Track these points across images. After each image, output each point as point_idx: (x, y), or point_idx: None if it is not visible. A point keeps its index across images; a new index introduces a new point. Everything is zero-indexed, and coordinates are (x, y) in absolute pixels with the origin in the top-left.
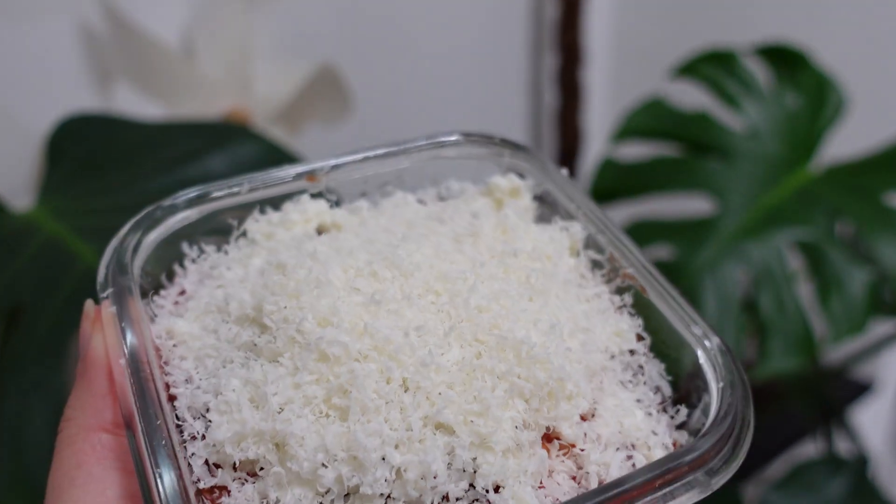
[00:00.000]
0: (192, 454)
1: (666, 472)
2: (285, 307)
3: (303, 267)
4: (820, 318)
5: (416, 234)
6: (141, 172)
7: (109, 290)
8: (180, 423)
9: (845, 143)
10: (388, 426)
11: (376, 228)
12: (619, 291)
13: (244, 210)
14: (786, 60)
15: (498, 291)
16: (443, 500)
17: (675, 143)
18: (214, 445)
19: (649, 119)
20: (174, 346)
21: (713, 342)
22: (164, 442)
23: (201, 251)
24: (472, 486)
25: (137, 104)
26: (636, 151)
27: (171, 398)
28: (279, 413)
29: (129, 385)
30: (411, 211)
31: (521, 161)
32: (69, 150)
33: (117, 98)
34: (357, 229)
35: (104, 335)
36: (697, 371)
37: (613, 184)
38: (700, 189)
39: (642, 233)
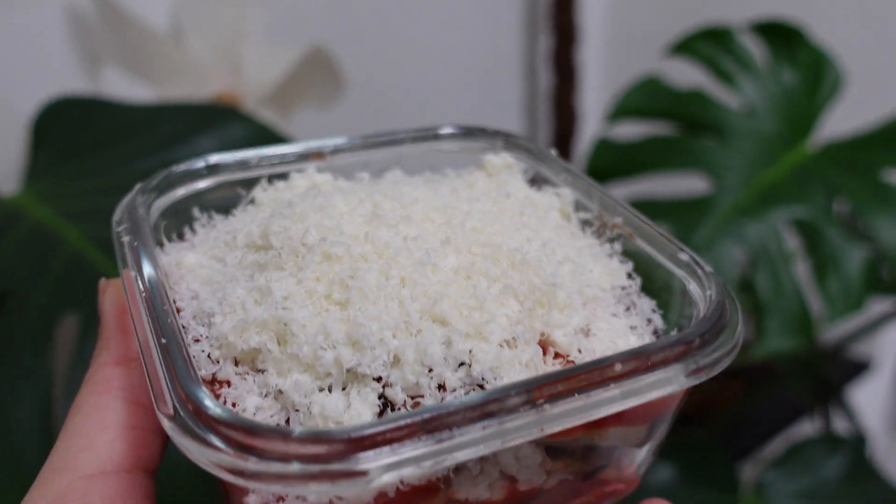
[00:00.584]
0: (201, 350)
1: (656, 352)
2: (290, 227)
3: (308, 198)
4: (818, 298)
5: (414, 182)
6: (128, 155)
7: (125, 225)
8: (185, 327)
9: (842, 120)
10: (387, 314)
11: (379, 187)
12: (610, 241)
13: (251, 183)
14: (782, 37)
15: (492, 218)
16: (439, 388)
17: (671, 122)
18: (217, 338)
19: (644, 98)
20: (182, 273)
21: (703, 267)
22: (169, 320)
23: (210, 218)
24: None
25: (126, 88)
26: (631, 131)
27: (178, 310)
28: (282, 303)
29: (137, 290)
30: (410, 182)
31: (514, 149)
32: (55, 133)
33: (106, 82)
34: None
35: (115, 289)
36: (686, 296)
37: (608, 164)
38: (696, 168)
39: None
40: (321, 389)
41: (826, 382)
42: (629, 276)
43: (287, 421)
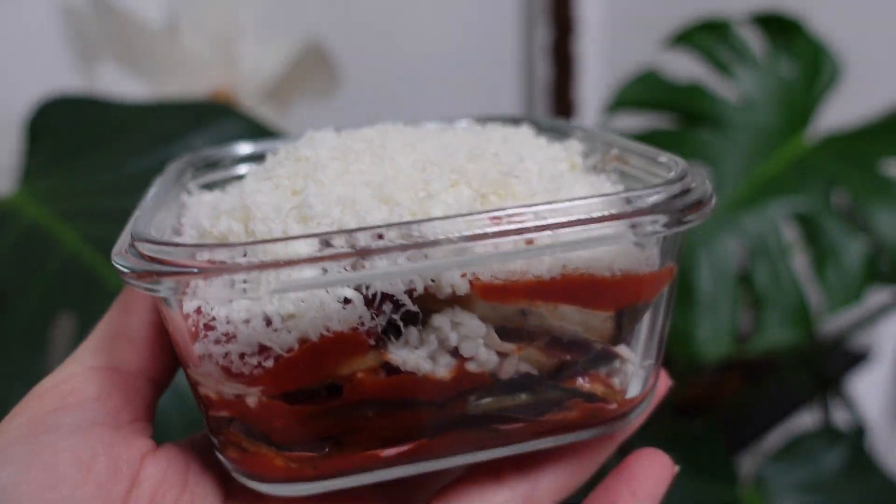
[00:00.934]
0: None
1: (597, 200)
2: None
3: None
4: (816, 291)
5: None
6: (123, 153)
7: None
8: (181, 233)
9: (840, 112)
10: (336, 195)
11: None
12: (608, 174)
13: None
14: (780, 28)
15: (471, 137)
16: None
17: (669, 115)
18: (196, 228)
19: (642, 91)
20: (200, 208)
21: (677, 163)
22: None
23: None
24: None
25: (122, 84)
26: (630, 123)
27: (181, 225)
28: (248, 195)
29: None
30: None
31: (536, 128)
32: (49, 132)
33: (101, 78)
34: None
35: None
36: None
37: None
38: (694, 161)
39: None
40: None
41: (826, 374)
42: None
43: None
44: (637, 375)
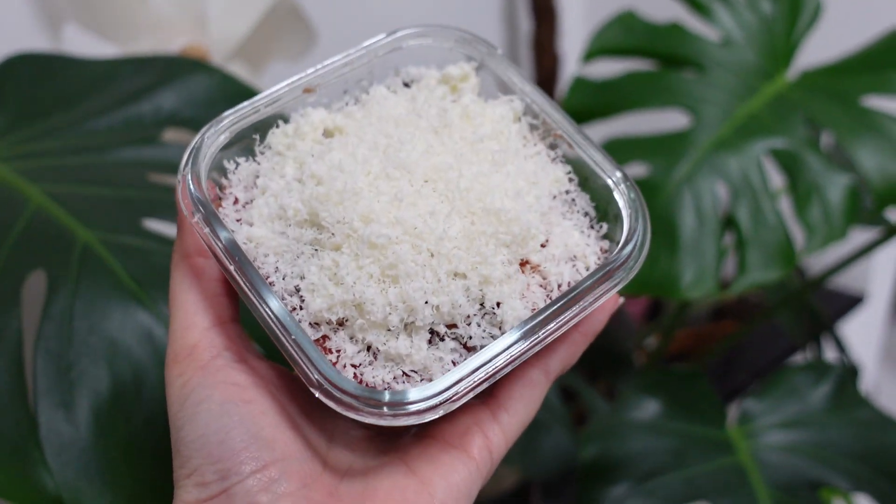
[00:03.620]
0: (300, 320)
1: (603, 276)
2: (335, 211)
3: (336, 179)
4: (801, 230)
5: (406, 134)
6: (90, 111)
7: (198, 216)
8: (284, 299)
9: (822, 49)
10: (426, 282)
11: (374, 132)
12: (552, 147)
13: (261, 126)
14: None
15: (476, 173)
16: (466, 318)
17: (649, 60)
18: (313, 313)
19: (620, 34)
20: (255, 247)
21: (619, 176)
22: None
23: (237, 164)
24: (482, 306)
25: (88, 47)
26: (607, 69)
27: (271, 283)
28: (353, 286)
29: (236, 273)
30: (391, 104)
31: (467, 47)
32: (12, 92)
33: (67, 42)
34: (358, 132)
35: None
36: (611, 198)
37: (586, 103)
38: (675, 103)
39: (617, 151)
40: (392, 336)
41: (819, 317)
42: (570, 179)
43: (375, 357)
44: None
